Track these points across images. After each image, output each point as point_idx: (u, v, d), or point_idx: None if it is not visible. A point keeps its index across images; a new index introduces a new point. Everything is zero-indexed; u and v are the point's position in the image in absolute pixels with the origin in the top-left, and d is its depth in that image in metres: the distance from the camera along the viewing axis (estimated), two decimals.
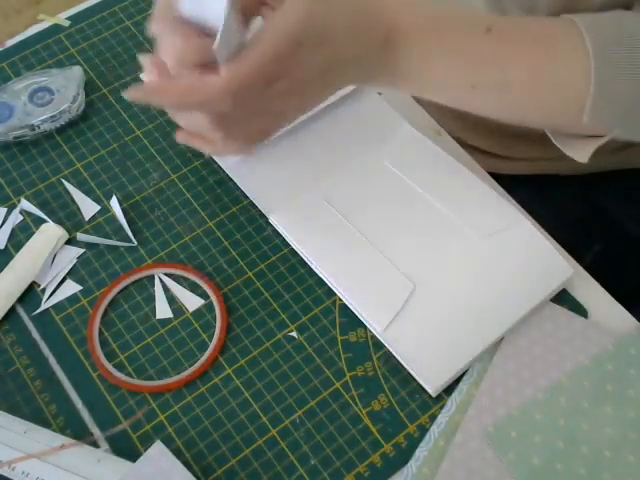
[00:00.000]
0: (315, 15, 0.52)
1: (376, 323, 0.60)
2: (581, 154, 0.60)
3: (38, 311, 0.62)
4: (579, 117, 0.57)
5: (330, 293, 0.63)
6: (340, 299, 0.62)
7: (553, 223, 0.66)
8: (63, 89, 0.71)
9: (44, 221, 0.66)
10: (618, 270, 0.76)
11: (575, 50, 0.56)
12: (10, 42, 0.76)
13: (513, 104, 0.61)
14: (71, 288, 0.63)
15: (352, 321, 0.62)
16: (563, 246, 0.65)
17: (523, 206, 0.66)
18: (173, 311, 0.62)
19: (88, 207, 0.67)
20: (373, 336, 0.61)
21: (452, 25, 0.58)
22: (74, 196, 0.67)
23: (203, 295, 0.63)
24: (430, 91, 0.61)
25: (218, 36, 0.50)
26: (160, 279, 0.63)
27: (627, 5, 0.61)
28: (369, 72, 0.58)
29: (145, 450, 0.55)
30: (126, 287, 0.63)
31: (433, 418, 0.58)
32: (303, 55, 0.53)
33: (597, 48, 0.55)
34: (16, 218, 0.66)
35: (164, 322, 0.62)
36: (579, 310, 0.62)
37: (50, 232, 0.65)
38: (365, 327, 0.61)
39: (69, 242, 0.65)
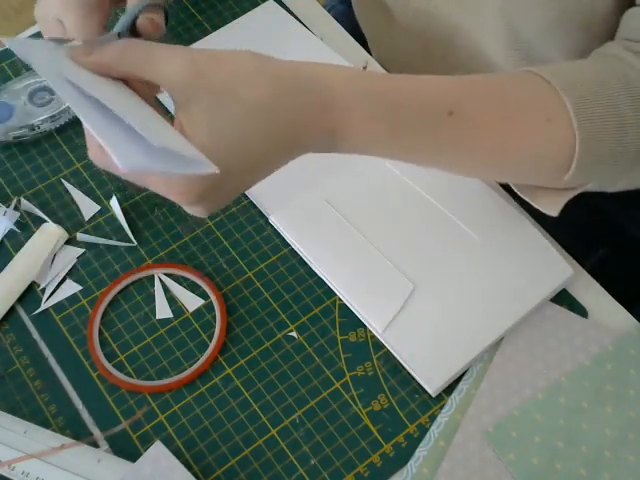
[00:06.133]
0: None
1: (376, 323, 0.60)
2: (551, 207, 0.56)
3: (38, 311, 0.62)
4: (557, 179, 0.54)
5: (330, 293, 0.63)
6: (340, 299, 0.62)
7: (556, 228, 0.65)
8: None
9: (44, 221, 0.66)
10: (620, 274, 0.76)
11: (549, 121, 0.52)
12: None
13: (481, 174, 0.60)
14: (71, 288, 0.63)
15: (352, 321, 0.62)
16: (567, 251, 0.65)
17: (527, 212, 0.66)
18: (173, 311, 0.62)
19: (88, 207, 0.67)
20: (373, 336, 0.61)
21: (406, 114, 0.50)
22: (74, 196, 0.67)
23: (203, 295, 0.63)
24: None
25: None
26: (160, 279, 0.63)
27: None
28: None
29: (145, 450, 0.55)
30: (126, 287, 0.63)
31: (433, 418, 0.58)
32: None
33: (577, 107, 0.51)
34: (16, 218, 0.66)
35: (164, 322, 0.62)
36: (579, 310, 0.62)
37: (50, 232, 0.64)
38: (365, 327, 0.61)
39: (69, 242, 0.65)
